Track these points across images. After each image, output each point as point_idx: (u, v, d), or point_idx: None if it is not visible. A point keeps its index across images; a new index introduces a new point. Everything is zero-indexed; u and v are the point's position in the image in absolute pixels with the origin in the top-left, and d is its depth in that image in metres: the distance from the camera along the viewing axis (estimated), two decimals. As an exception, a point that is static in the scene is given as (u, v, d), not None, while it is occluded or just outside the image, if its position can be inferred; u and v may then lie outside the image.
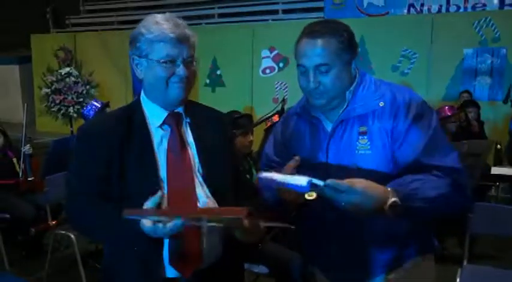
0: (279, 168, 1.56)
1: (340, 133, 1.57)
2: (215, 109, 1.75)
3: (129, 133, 1.50)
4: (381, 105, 1.52)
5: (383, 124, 1.51)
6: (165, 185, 1.49)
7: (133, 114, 1.55)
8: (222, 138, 1.64)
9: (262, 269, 2.93)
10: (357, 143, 1.53)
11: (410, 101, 1.52)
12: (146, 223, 1.28)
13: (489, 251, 4.19)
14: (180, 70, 1.46)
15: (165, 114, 1.54)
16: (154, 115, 1.54)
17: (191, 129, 1.59)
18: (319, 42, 1.50)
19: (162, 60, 1.45)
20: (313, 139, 1.63)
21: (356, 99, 1.56)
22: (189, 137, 1.58)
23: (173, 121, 1.54)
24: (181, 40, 1.45)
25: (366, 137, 1.52)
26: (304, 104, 1.66)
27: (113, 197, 1.46)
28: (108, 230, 1.43)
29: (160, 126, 1.54)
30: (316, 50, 1.50)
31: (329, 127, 1.60)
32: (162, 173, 1.49)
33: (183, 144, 1.54)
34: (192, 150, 1.56)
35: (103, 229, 1.45)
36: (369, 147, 1.52)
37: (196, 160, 1.55)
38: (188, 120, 1.59)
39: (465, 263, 3.07)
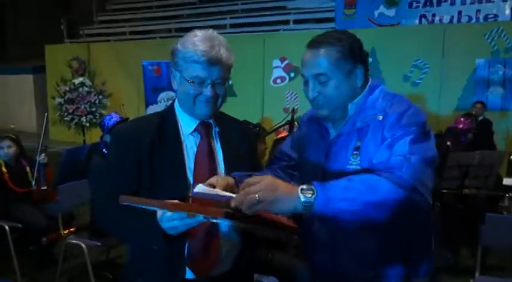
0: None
1: (340, 145, 1.54)
2: (241, 121, 1.85)
3: (161, 137, 1.57)
4: (379, 119, 1.47)
5: (375, 137, 1.46)
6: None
7: (166, 119, 1.62)
8: (246, 147, 1.73)
9: (272, 280, 2.92)
10: (351, 157, 1.49)
11: (404, 112, 1.45)
12: (159, 215, 1.35)
13: (502, 263, 4.13)
14: (207, 91, 1.53)
15: (196, 123, 1.61)
16: (186, 123, 1.62)
17: (219, 138, 1.67)
18: (318, 52, 1.49)
19: (191, 80, 1.51)
20: (318, 145, 1.62)
21: (359, 113, 1.52)
22: (217, 145, 1.66)
23: (203, 130, 1.62)
24: (212, 63, 1.50)
25: (358, 152, 1.48)
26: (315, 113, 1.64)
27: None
28: (135, 231, 1.48)
29: (191, 133, 1.61)
30: (315, 60, 1.49)
31: (333, 136, 1.58)
32: (191, 177, 1.56)
33: (211, 152, 1.62)
34: (219, 158, 1.64)
35: (131, 230, 1.50)
36: (359, 162, 1.47)
37: (222, 167, 1.62)
38: (217, 129, 1.67)
39: (477, 274, 3.04)
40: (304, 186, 1.27)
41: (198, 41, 1.50)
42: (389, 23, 8.55)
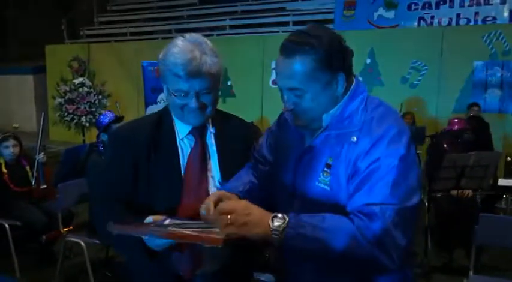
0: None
1: (310, 157, 1.40)
2: (242, 120, 1.79)
3: (157, 139, 1.56)
4: (353, 140, 1.31)
5: (348, 161, 1.31)
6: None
7: (163, 121, 1.61)
8: (244, 147, 1.68)
9: (268, 277, 2.95)
10: (321, 174, 1.36)
11: (381, 138, 1.28)
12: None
13: (498, 263, 4.17)
14: (192, 103, 1.48)
15: (190, 127, 1.59)
16: (181, 126, 1.60)
17: (215, 140, 1.63)
18: (290, 62, 1.30)
19: (174, 94, 1.49)
20: (290, 152, 1.48)
21: (335, 125, 1.36)
22: (213, 147, 1.62)
23: (197, 133, 1.59)
24: (194, 75, 1.44)
25: (329, 171, 1.34)
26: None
27: (138, 202, 1.52)
28: (123, 236, 1.42)
29: (186, 136, 1.59)
30: (287, 71, 1.32)
31: (307, 145, 1.44)
32: None
33: (204, 155, 1.60)
34: (214, 161, 1.61)
35: (124, 239, 1.43)
36: (328, 183, 1.34)
37: (217, 170, 1.60)
38: (213, 130, 1.64)
39: (471, 274, 3.07)
40: (278, 215, 1.22)
41: (177, 53, 1.44)
42: (389, 25, 8.58)
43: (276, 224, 1.21)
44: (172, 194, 1.50)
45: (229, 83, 9.46)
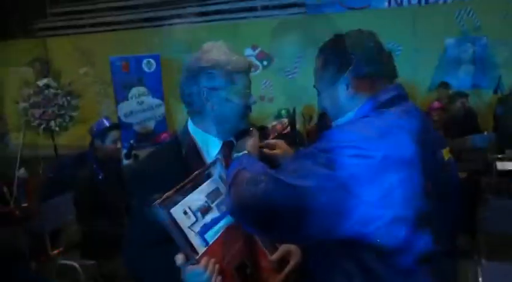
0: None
1: None
2: None
3: (184, 170, 1.38)
4: None
5: None
6: None
7: (184, 147, 1.47)
8: None
9: None
10: None
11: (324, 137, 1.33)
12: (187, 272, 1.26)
13: (504, 248, 4.19)
14: (252, 98, 1.62)
15: (220, 143, 1.49)
16: (209, 145, 1.48)
17: None
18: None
19: (244, 91, 1.51)
20: None
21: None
22: None
23: (227, 151, 1.48)
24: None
25: None
26: None
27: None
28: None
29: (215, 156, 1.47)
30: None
31: None
32: None
33: None
34: None
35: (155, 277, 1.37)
36: None
37: None
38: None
39: (483, 261, 3.05)
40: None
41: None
42: (359, 6, 8.52)
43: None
44: None
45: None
